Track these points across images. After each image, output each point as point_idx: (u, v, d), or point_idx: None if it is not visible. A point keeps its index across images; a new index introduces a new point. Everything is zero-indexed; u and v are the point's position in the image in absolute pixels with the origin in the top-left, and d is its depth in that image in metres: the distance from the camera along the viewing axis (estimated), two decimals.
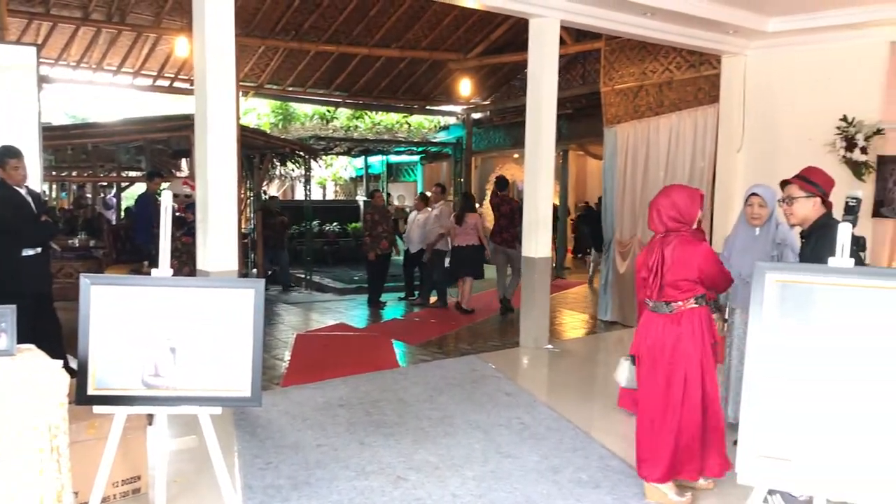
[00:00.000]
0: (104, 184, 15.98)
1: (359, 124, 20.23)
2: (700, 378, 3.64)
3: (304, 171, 14.89)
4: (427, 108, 16.08)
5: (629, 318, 8.52)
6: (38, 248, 5.28)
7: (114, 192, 15.49)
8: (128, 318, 3.03)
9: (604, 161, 9.46)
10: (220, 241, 5.07)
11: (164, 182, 9.66)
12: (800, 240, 3.96)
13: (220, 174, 5.07)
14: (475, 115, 16.28)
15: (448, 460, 4.29)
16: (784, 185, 3.92)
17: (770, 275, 2.59)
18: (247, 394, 3.10)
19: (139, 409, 3.26)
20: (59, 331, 5.54)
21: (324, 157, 19.03)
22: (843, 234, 2.62)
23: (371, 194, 11.56)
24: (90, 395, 3.01)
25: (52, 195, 16.34)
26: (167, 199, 3.17)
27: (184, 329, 3.05)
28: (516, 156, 16.70)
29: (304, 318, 9.92)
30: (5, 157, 5.08)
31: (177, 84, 13.05)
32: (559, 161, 14.75)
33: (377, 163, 20.56)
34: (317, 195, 22.09)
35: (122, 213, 13.80)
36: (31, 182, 5.43)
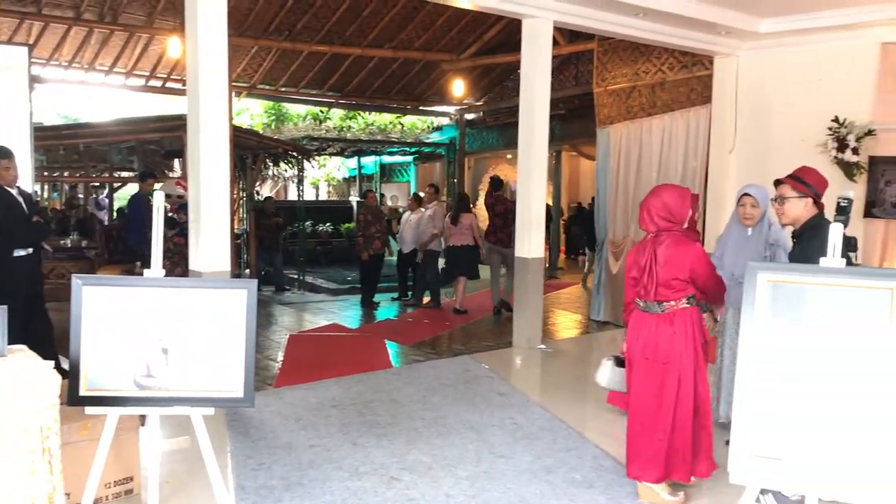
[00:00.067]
0: (96, 184, 15.92)
1: (352, 125, 20.19)
2: (693, 378, 3.65)
3: (297, 172, 14.86)
4: (420, 108, 16.07)
5: (622, 319, 8.52)
6: (30, 249, 5.28)
7: (106, 192, 15.41)
8: (120, 319, 3.02)
9: (596, 162, 9.47)
10: (213, 242, 5.07)
11: (157, 183, 9.62)
12: (791, 240, 3.98)
13: (212, 174, 5.06)
14: (468, 116, 16.28)
15: (441, 460, 4.29)
16: (777, 184, 3.94)
17: (762, 275, 2.60)
18: (239, 394, 3.10)
19: (131, 410, 3.25)
20: (50, 331, 5.53)
21: (317, 158, 18.98)
22: (835, 235, 2.63)
23: (364, 195, 11.56)
24: (82, 396, 3.01)
25: (44, 195, 16.29)
26: (159, 199, 3.16)
27: (176, 330, 3.05)
28: (509, 156, 16.70)
29: (298, 319, 9.90)
30: None
31: (169, 84, 12.99)
32: (552, 162, 14.80)
33: (370, 163, 20.54)
34: (310, 195, 22.05)
35: (115, 214, 13.73)
36: (23, 182, 5.43)
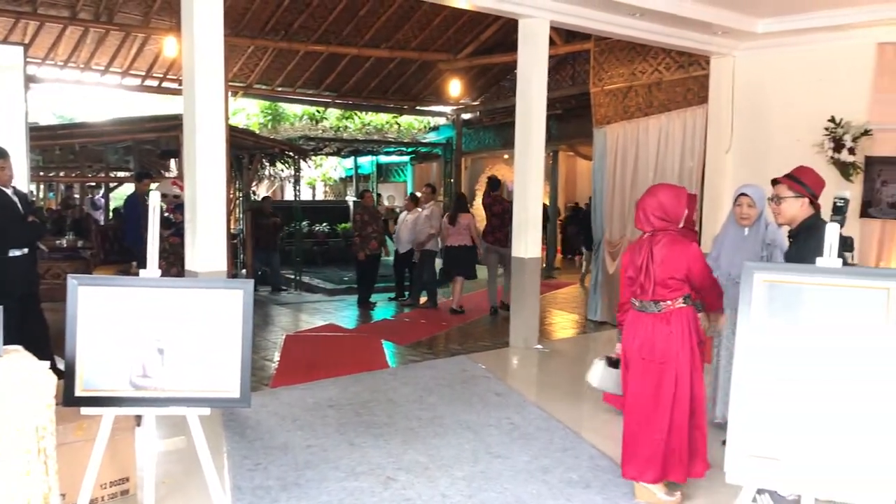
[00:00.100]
0: (92, 184, 15.88)
1: (348, 125, 20.18)
2: (690, 378, 3.65)
3: (293, 172, 14.85)
4: (417, 108, 16.06)
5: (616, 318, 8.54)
6: (25, 249, 5.26)
7: (102, 192, 15.39)
8: (116, 319, 3.01)
9: (593, 162, 9.48)
10: (209, 242, 5.06)
11: (154, 182, 9.61)
12: (788, 240, 3.98)
13: (208, 174, 5.06)
14: (465, 116, 16.28)
15: (438, 461, 4.28)
16: (774, 183, 3.94)
17: (758, 275, 2.61)
18: (235, 395, 3.09)
19: (127, 411, 3.24)
20: (46, 332, 5.51)
21: (313, 158, 18.98)
22: (831, 235, 2.63)
23: (361, 195, 11.53)
24: (78, 397, 3.00)
25: (40, 195, 16.24)
26: (155, 199, 3.15)
27: (172, 330, 3.04)
28: (506, 156, 16.71)
29: (294, 319, 9.89)
30: None
31: (165, 84, 12.96)
32: (549, 162, 14.78)
33: (367, 163, 20.52)
34: (306, 195, 22.03)
35: (111, 214, 13.71)
36: (18, 182, 5.41)
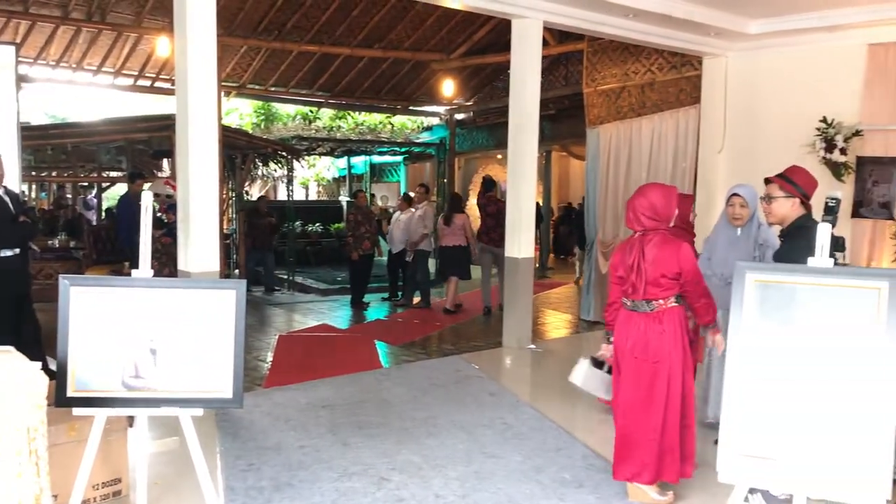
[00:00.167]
0: (84, 184, 15.81)
1: (342, 124, 20.13)
2: (682, 377, 3.66)
3: (286, 172, 14.82)
4: (410, 108, 16.05)
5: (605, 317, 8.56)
6: (17, 249, 5.23)
7: (94, 192, 15.33)
8: (108, 320, 3.00)
9: (586, 162, 9.49)
10: (202, 242, 5.05)
11: (147, 183, 9.57)
12: (779, 240, 3.99)
13: (201, 174, 5.04)
14: (458, 116, 16.28)
15: (431, 461, 4.29)
16: (767, 182, 3.96)
17: (750, 275, 2.62)
18: (228, 395, 3.09)
19: (120, 411, 3.23)
20: (38, 332, 5.50)
21: (306, 158, 18.93)
22: (823, 235, 2.64)
23: (354, 195, 11.53)
24: (70, 397, 2.99)
25: (32, 195, 16.16)
26: (147, 199, 3.14)
27: (165, 330, 3.03)
28: (499, 156, 16.71)
29: (287, 319, 9.87)
30: None
31: (158, 84, 12.92)
32: (542, 162, 14.81)
33: (360, 163, 20.49)
34: (299, 195, 21.98)
35: (103, 214, 13.66)
36: (10, 182, 5.39)
